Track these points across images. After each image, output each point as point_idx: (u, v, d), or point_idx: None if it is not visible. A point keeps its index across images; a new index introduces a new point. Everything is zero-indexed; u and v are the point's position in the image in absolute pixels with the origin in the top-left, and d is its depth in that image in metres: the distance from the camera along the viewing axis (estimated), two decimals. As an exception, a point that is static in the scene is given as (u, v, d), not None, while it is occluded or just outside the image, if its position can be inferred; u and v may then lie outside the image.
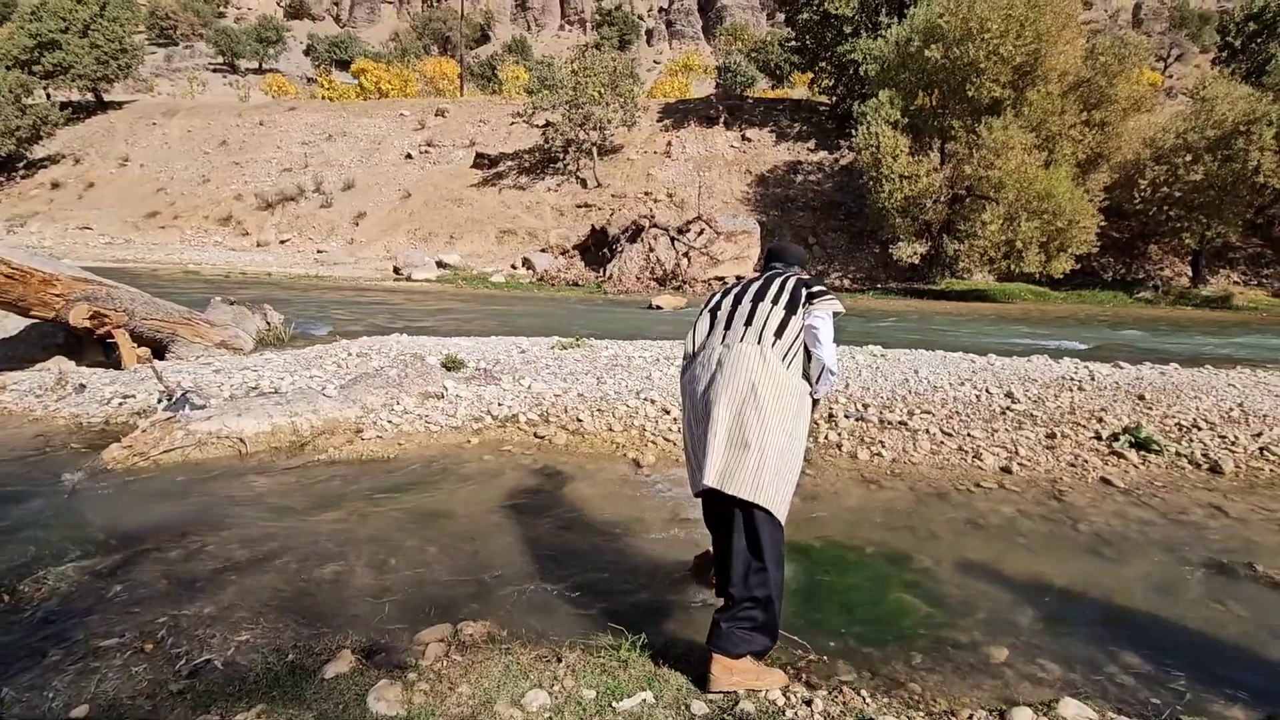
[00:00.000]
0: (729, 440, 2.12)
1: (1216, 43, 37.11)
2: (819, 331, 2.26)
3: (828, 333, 2.28)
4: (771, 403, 2.13)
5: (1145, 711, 2.17)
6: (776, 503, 2.11)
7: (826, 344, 2.29)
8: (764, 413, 2.11)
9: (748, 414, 2.11)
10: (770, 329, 2.18)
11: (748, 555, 2.13)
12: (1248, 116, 19.90)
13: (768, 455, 2.10)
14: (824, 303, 2.28)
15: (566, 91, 28.08)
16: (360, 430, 4.97)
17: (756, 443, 2.09)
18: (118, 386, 5.80)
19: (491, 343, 8.21)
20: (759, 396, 2.12)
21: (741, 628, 2.12)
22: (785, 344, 2.18)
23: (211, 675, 2.17)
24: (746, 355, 2.16)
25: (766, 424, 2.11)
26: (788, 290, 2.27)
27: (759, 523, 2.12)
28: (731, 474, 2.10)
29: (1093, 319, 16.68)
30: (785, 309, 2.21)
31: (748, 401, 2.12)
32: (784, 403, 2.16)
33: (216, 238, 30.01)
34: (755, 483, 2.09)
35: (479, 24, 72.95)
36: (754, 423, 2.10)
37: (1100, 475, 4.51)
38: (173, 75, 56.88)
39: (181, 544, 3.19)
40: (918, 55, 21.38)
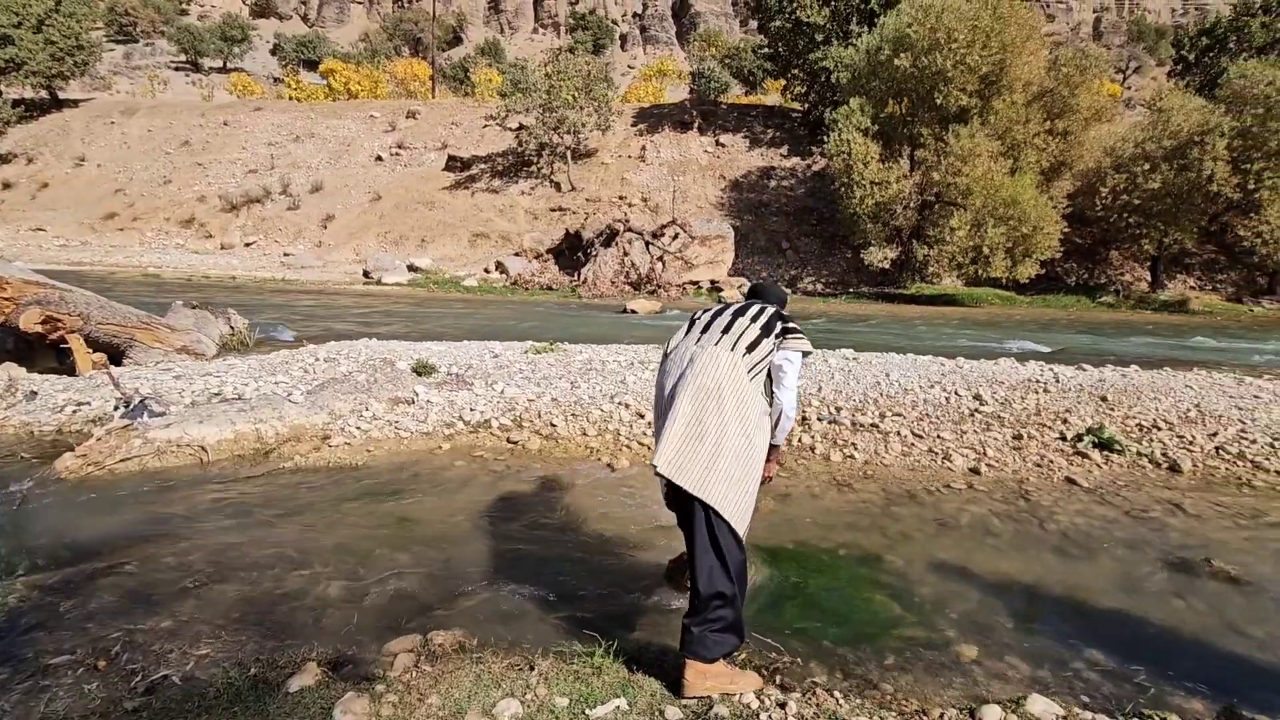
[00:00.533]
0: (685, 432, 2.15)
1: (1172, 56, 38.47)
2: (785, 373, 2.31)
3: (794, 375, 2.33)
4: (733, 406, 2.16)
5: (1109, 706, 2.21)
6: (727, 505, 2.12)
7: (791, 387, 2.33)
8: (724, 413, 2.14)
9: (709, 410, 2.14)
10: (744, 342, 2.23)
11: (710, 553, 2.15)
12: (1201, 128, 20.65)
13: (722, 454, 2.11)
14: (796, 341, 2.33)
15: (540, 95, 27.98)
16: (328, 437, 4.87)
17: (713, 439, 2.12)
18: (71, 394, 5.60)
19: (464, 347, 8.11)
20: (722, 397, 2.15)
21: (713, 630, 2.12)
22: (755, 358, 2.23)
23: (169, 692, 2.09)
24: (718, 358, 2.20)
25: (725, 424, 2.13)
26: (766, 316, 2.34)
27: (715, 521, 2.14)
28: (682, 466, 2.12)
29: (1057, 322, 17.11)
30: (761, 330, 2.27)
31: (711, 398, 2.16)
32: (745, 410, 2.19)
33: (178, 240, 29.23)
34: (703, 480, 2.10)
35: (451, 26, 72.40)
36: (713, 420, 2.13)
37: (1065, 475, 4.61)
38: (132, 73, 55.38)
39: (138, 556, 3.08)
40: (887, 64, 21.77)
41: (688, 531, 2.26)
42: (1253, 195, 20.62)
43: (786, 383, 2.31)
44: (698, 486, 2.10)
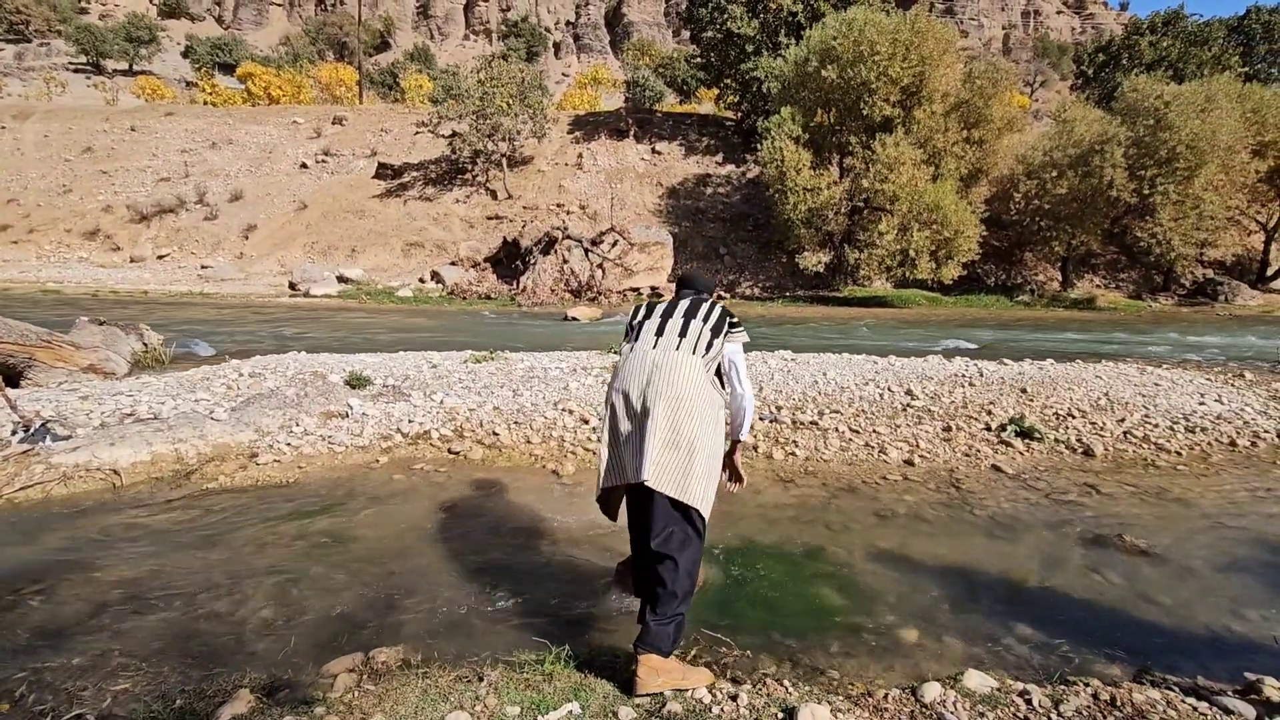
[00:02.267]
0: (664, 440, 2.24)
1: (1073, 71, 41.29)
2: (739, 366, 2.43)
3: (744, 366, 2.47)
4: (701, 409, 2.28)
5: (1039, 676, 2.33)
6: (702, 502, 2.24)
7: (747, 379, 2.46)
8: (694, 418, 2.26)
9: (682, 417, 2.24)
10: (702, 344, 2.35)
11: (684, 550, 2.23)
12: (1101, 137, 22.21)
13: (696, 457, 2.23)
14: (738, 334, 2.45)
15: (473, 101, 27.55)
16: (255, 455, 4.63)
17: (687, 444, 2.23)
18: (-37, 418, 5.12)
19: (400, 358, 7.88)
20: (693, 403, 2.27)
21: (669, 624, 2.18)
22: (710, 358, 2.36)
23: (82, 732, 1.93)
24: (682, 365, 2.31)
25: (696, 429, 2.25)
26: (715, 315, 2.44)
27: (679, 520, 2.25)
28: (663, 474, 2.22)
29: (979, 321, 18.03)
30: (712, 331, 2.38)
31: (683, 405, 2.26)
32: (711, 413, 2.32)
33: (81, 253, 27.24)
34: (682, 484, 2.22)
35: (378, 31, 70.58)
36: (687, 426, 2.24)
37: (992, 463, 4.85)
38: (25, 75, 51.53)
39: (43, 589, 2.84)
40: (815, 75, 22.50)
41: (642, 529, 2.32)
42: (1147, 199, 22.32)
43: (743, 375, 2.43)
44: (679, 491, 2.21)
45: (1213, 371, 8.47)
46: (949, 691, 2.12)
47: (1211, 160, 21.56)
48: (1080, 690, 2.16)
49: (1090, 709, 2.05)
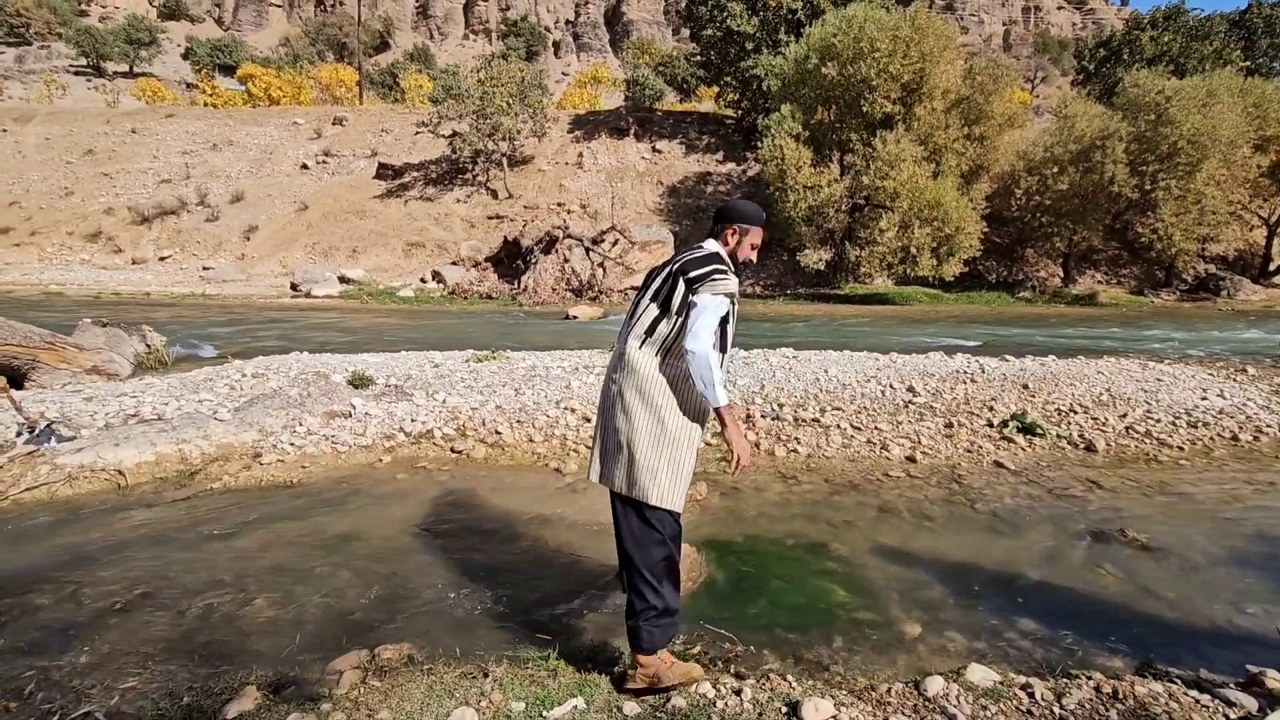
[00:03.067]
0: (604, 447, 2.30)
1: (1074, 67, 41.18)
2: (692, 319, 2.13)
3: (704, 320, 2.12)
4: (637, 404, 2.20)
5: (1041, 669, 2.34)
6: (653, 492, 2.17)
7: (697, 333, 2.11)
8: (631, 416, 2.21)
9: (634, 407, 2.21)
10: (641, 329, 2.24)
11: (634, 545, 2.20)
12: (1102, 133, 22.17)
13: (639, 448, 2.18)
14: (708, 287, 2.15)
15: (473, 101, 27.55)
16: (259, 455, 4.64)
17: (625, 445, 2.21)
18: (-32, 420, 5.14)
19: (402, 358, 7.89)
20: (626, 400, 2.22)
21: (642, 622, 2.16)
22: (655, 344, 2.22)
23: (90, 730, 1.95)
24: (630, 353, 2.24)
25: (634, 425, 2.20)
26: (667, 284, 2.22)
27: (636, 514, 2.22)
28: (610, 473, 2.26)
29: (981, 318, 18.01)
30: (659, 308, 2.22)
31: (617, 405, 2.24)
32: (650, 399, 2.20)
33: (84, 255, 27.29)
34: (628, 479, 2.20)
35: (378, 31, 70.60)
36: (623, 428, 2.21)
37: (994, 459, 4.86)
38: (26, 78, 51.60)
39: (50, 589, 2.86)
40: (815, 72, 22.47)
41: (616, 528, 2.31)
42: (1149, 195, 22.28)
43: (693, 328, 2.11)
44: (624, 485, 2.20)
45: (1215, 366, 8.46)
46: (952, 685, 2.13)
47: (1213, 155, 21.51)
48: (1083, 683, 2.16)
49: (1092, 702, 2.06)
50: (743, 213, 2.34)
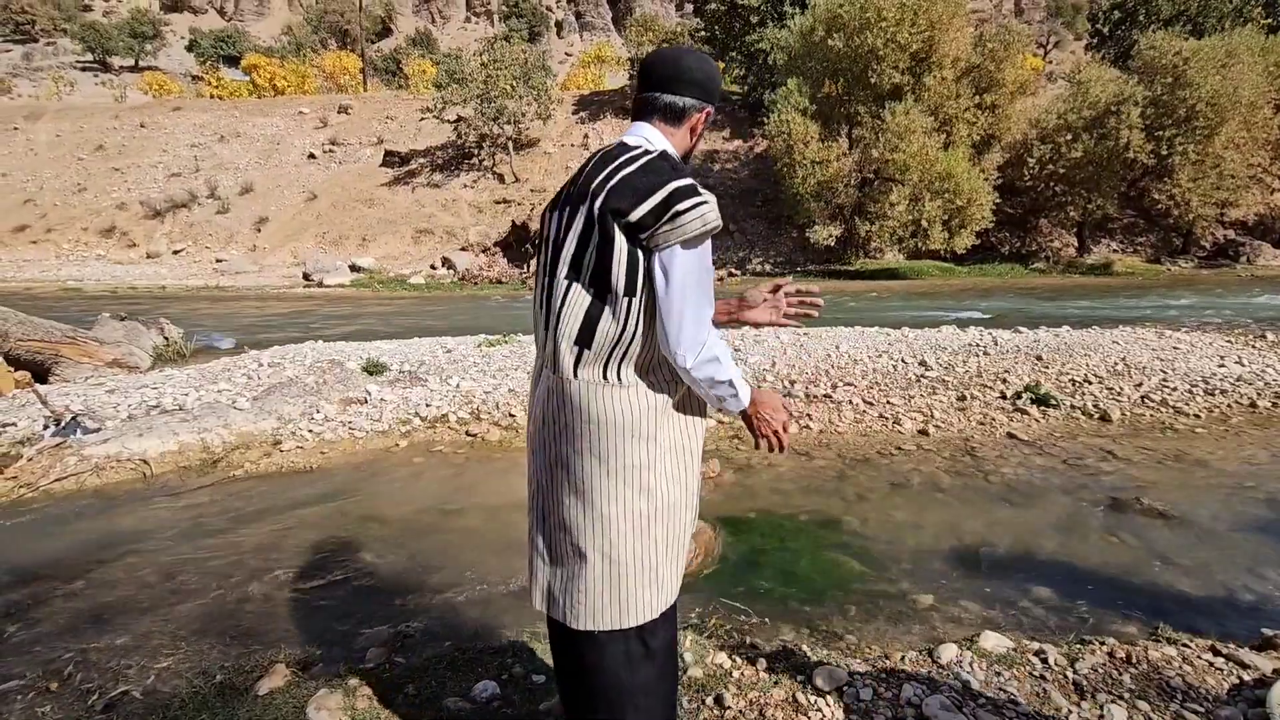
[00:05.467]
0: (548, 552, 1.39)
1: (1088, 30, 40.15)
2: (668, 306, 1.20)
3: (689, 302, 1.20)
4: (600, 477, 1.28)
5: (1055, 637, 2.36)
6: (647, 604, 1.33)
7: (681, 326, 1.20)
8: (593, 498, 1.29)
9: (568, 508, 1.32)
10: (571, 331, 1.26)
11: (621, 696, 1.34)
12: (1117, 98, 21.69)
13: (616, 563, 1.30)
14: (677, 231, 1.18)
15: (477, 85, 27.38)
16: (278, 442, 4.73)
17: (587, 552, 1.31)
18: (-5, 415, 5.27)
19: (415, 344, 7.96)
20: (576, 473, 1.30)
21: None
22: (602, 357, 1.25)
23: (130, 707, 2.03)
24: (561, 398, 1.30)
25: (601, 514, 1.29)
26: (590, 238, 1.23)
27: (622, 645, 1.34)
28: (566, 599, 1.34)
29: (994, 290, 17.82)
30: (589, 286, 1.24)
31: (562, 483, 1.32)
32: (621, 461, 1.27)
33: (99, 251, 27.61)
34: (602, 604, 1.31)
35: (379, 17, 70.08)
36: (579, 522, 1.31)
37: (1007, 431, 4.85)
38: (34, 75, 51.84)
39: (84, 575, 2.95)
40: (822, 44, 22.10)
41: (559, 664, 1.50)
42: (1166, 160, 21.82)
43: (676, 326, 1.20)
44: (595, 615, 1.31)
45: (1233, 333, 8.35)
46: (965, 652, 2.16)
47: (1233, 117, 21.00)
48: (1096, 649, 2.19)
49: (1106, 666, 2.08)
50: (715, 83, 1.38)
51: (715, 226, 1.21)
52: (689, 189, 1.18)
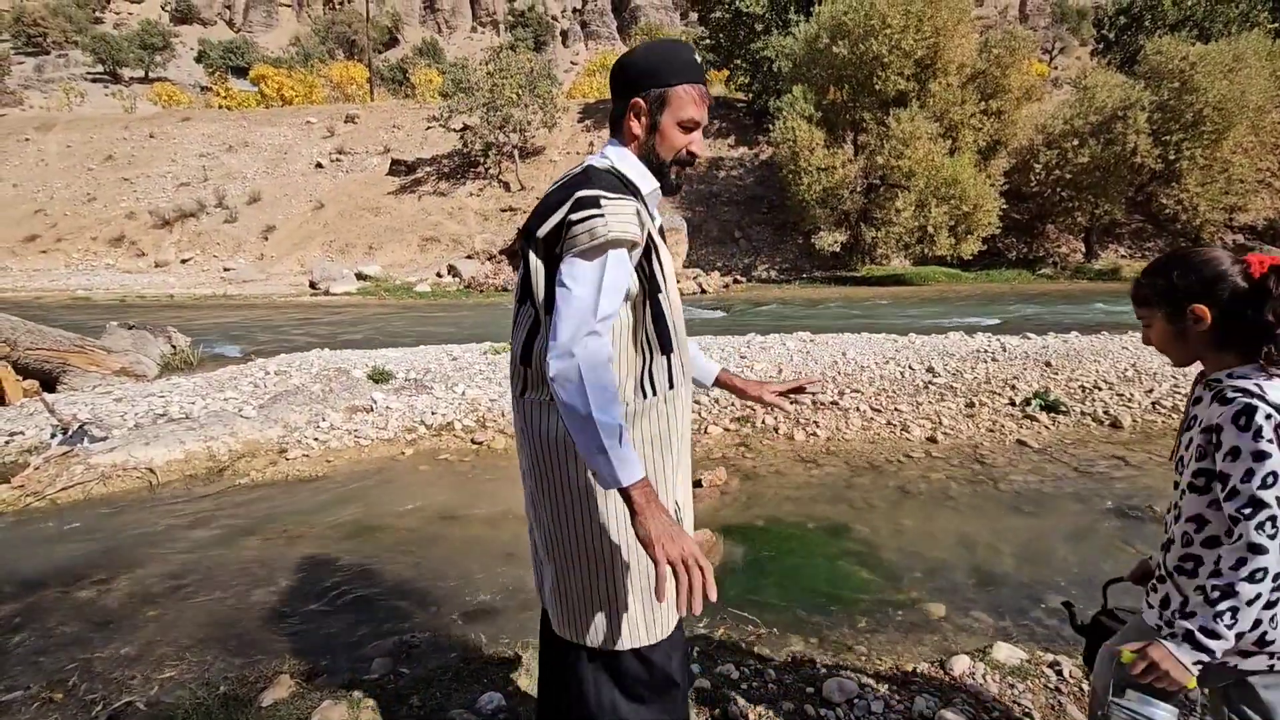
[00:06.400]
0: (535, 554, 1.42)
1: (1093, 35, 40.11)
2: (555, 312, 1.14)
3: (567, 304, 1.12)
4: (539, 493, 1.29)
5: (1067, 648, 2.32)
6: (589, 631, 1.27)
7: (556, 328, 1.11)
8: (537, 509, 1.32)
9: (529, 510, 1.38)
10: (516, 354, 1.31)
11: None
12: (1124, 103, 21.62)
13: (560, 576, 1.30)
14: (570, 242, 1.14)
15: (483, 94, 27.55)
16: (284, 450, 4.73)
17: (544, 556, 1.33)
18: (2, 424, 5.29)
19: (420, 352, 7.97)
20: (528, 485, 1.34)
21: None
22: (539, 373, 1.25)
23: (134, 718, 2.02)
24: (515, 415, 1.33)
25: (544, 527, 1.30)
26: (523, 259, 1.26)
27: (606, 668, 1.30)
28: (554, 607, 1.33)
29: (1001, 296, 17.73)
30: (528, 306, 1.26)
31: (528, 492, 1.36)
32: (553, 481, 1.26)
33: (108, 260, 27.83)
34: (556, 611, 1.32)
35: (386, 27, 70.69)
36: (534, 526, 1.37)
37: (1016, 438, 4.80)
38: (45, 87, 52.45)
39: (90, 584, 2.95)
40: (826, 51, 22.15)
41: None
42: (1173, 165, 21.71)
43: (553, 326, 1.12)
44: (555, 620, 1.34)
45: (1245, 339, 8.26)
46: (978, 664, 2.12)
47: (1240, 122, 20.90)
48: (1111, 660, 2.14)
49: (1122, 678, 2.04)
50: (646, 65, 1.25)
51: (605, 239, 1.12)
52: (587, 200, 1.14)
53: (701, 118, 1.28)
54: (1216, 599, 1.08)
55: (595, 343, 1.09)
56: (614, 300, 1.14)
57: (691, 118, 1.26)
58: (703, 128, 1.30)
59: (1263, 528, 1.05)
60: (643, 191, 1.26)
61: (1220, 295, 1.18)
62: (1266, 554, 1.05)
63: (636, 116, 1.26)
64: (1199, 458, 1.16)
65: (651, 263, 1.24)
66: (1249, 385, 1.12)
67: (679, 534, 1.06)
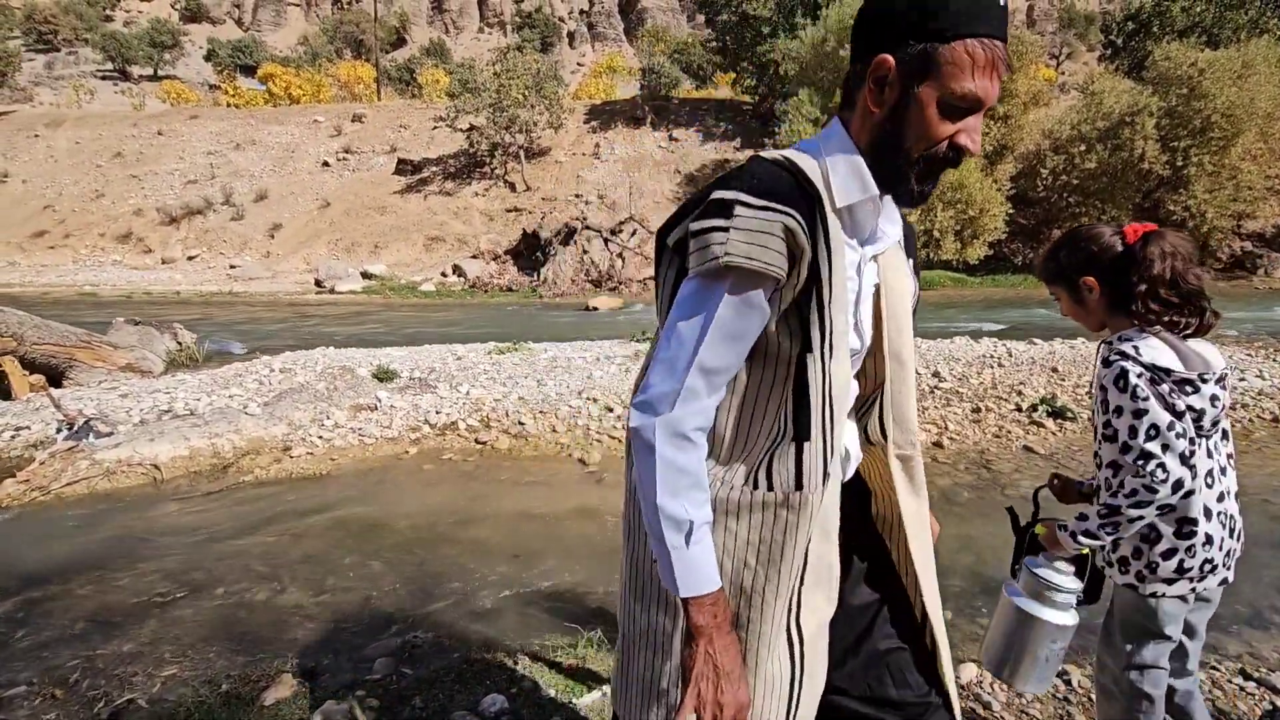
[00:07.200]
0: None
1: (1101, 41, 40.02)
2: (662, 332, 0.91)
3: (668, 326, 0.89)
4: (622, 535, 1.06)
5: (1077, 658, 2.29)
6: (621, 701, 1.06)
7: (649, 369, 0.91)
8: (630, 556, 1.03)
9: (622, 568, 1.08)
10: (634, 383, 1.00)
11: None
12: (1131, 108, 21.55)
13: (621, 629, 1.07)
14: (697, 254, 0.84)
15: (490, 94, 27.61)
16: (288, 448, 4.73)
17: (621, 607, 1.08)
18: (9, 418, 5.30)
19: (425, 351, 7.97)
20: (624, 530, 1.06)
21: None
22: None
23: (135, 715, 2.01)
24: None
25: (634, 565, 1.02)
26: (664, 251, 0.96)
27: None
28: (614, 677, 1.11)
29: (1007, 301, 17.67)
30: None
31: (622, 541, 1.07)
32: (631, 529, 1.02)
33: (115, 256, 27.95)
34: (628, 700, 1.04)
35: (394, 27, 70.91)
36: (624, 575, 1.06)
37: (1023, 443, 4.77)
38: (55, 84, 52.73)
39: (93, 580, 2.95)
40: (833, 54, 22.16)
41: None
42: (1181, 171, 21.61)
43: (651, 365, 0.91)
44: None
45: (1253, 346, 8.21)
46: (985, 673, 2.10)
47: (1249, 128, 20.80)
48: (1120, 670, 2.12)
49: (1131, 689, 2.02)
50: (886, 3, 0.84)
51: (720, 263, 0.80)
52: (718, 205, 0.82)
53: (987, 94, 0.83)
54: (1105, 516, 1.29)
55: (684, 408, 0.84)
56: (723, 353, 0.85)
57: (970, 92, 0.81)
58: (987, 109, 0.85)
59: (1154, 473, 1.22)
60: (837, 202, 0.86)
61: (1104, 265, 1.35)
62: (1156, 493, 1.22)
63: (877, 84, 0.84)
64: (1102, 412, 1.32)
65: (809, 308, 0.85)
66: (1127, 348, 1.29)
67: (732, 683, 0.83)
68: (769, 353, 0.89)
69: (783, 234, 0.81)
